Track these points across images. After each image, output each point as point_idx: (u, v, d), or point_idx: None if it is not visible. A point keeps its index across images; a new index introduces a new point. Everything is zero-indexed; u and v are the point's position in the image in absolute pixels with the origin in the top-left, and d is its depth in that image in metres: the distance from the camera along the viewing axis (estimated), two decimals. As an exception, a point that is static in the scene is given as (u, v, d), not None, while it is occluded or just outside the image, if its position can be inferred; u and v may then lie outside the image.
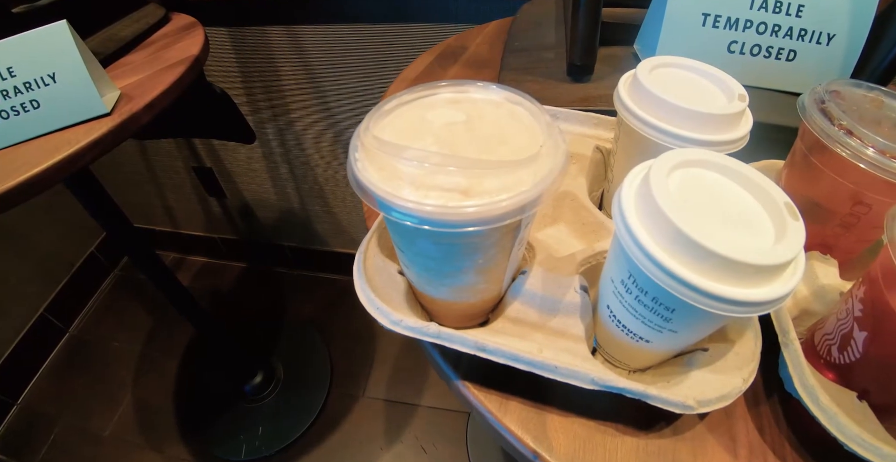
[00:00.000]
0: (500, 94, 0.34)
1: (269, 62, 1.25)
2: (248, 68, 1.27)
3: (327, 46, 1.20)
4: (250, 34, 1.20)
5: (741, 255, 0.25)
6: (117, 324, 1.66)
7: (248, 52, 1.24)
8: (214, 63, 1.27)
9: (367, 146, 0.29)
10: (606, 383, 0.32)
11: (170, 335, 1.61)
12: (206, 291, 1.74)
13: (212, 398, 1.47)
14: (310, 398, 1.45)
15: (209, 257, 1.86)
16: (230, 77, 1.29)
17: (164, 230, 1.80)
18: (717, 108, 0.38)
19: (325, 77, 1.25)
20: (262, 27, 1.19)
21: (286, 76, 1.27)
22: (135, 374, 1.53)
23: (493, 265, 0.34)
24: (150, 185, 1.63)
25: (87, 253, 1.72)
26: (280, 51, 1.23)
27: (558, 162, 0.29)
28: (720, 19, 0.59)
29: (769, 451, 0.36)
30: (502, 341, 0.35)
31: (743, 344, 0.35)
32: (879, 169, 0.36)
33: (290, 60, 1.24)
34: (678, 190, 0.30)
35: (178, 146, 1.47)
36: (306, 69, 1.26)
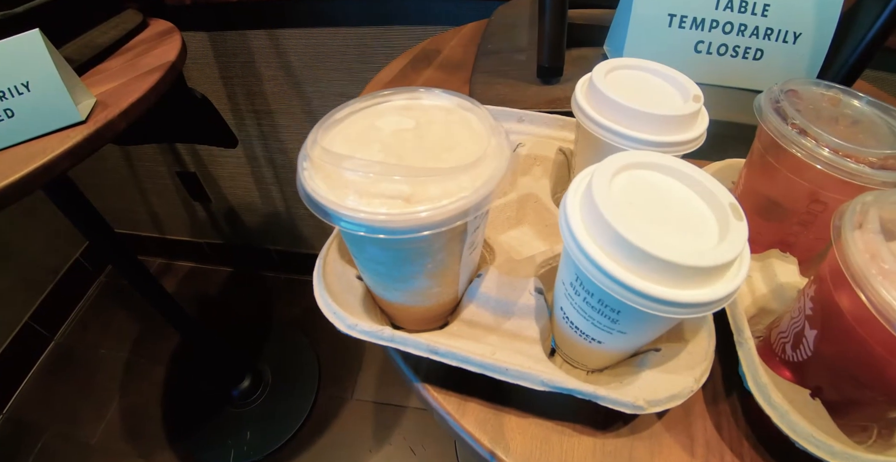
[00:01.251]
0: (452, 100, 0.35)
1: (250, 66, 1.25)
2: (230, 73, 1.27)
3: (308, 49, 1.20)
4: (231, 38, 1.20)
5: (679, 257, 0.26)
6: (103, 331, 1.66)
7: (228, 56, 1.24)
8: (195, 68, 1.27)
9: (312, 157, 0.29)
10: (556, 384, 0.33)
11: (156, 341, 1.61)
12: (193, 297, 1.74)
13: (199, 404, 1.46)
14: (298, 401, 1.45)
15: (196, 262, 1.86)
16: (211, 81, 1.29)
17: (150, 236, 1.80)
18: (671, 110, 0.38)
19: (306, 80, 1.26)
20: (242, 31, 1.19)
21: (268, 80, 1.27)
22: (121, 382, 1.53)
23: (443, 269, 0.34)
24: (134, 190, 1.63)
25: (71, 260, 1.71)
26: (261, 55, 1.23)
27: (500, 166, 0.29)
28: (686, 20, 0.59)
29: (727, 449, 0.37)
30: (455, 344, 0.35)
31: (696, 343, 0.35)
32: (833, 168, 0.37)
33: (271, 64, 1.24)
34: (623, 192, 0.30)
35: (161, 151, 1.47)
36: (288, 72, 1.26)
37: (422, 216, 0.27)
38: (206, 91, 1.31)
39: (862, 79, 0.84)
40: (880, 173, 0.36)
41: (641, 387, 0.33)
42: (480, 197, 0.28)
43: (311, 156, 0.29)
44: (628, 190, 0.30)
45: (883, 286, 0.27)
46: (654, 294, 0.26)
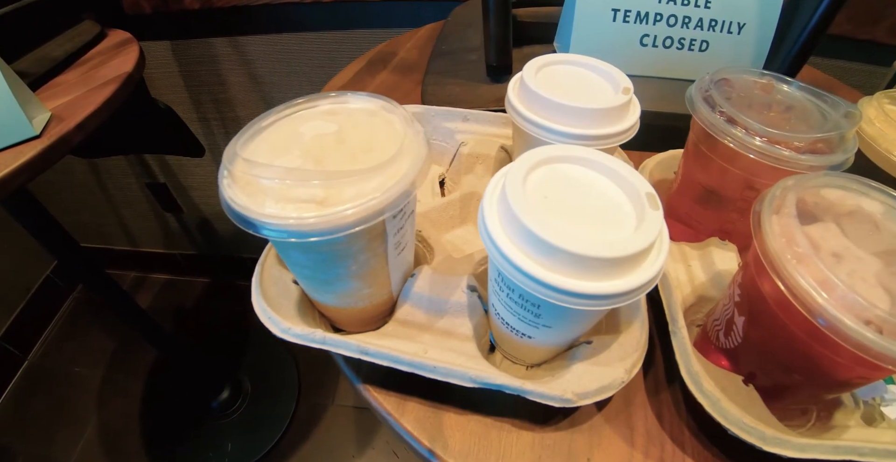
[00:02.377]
0: (375, 103, 0.35)
1: (216, 74, 1.25)
2: (195, 81, 1.27)
3: (273, 55, 1.20)
4: (194, 46, 1.20)
5: (586, 249, 0.26)
6: (78, 348, 1.64)
7: (192, 64, 1.24)
8: (160, 77, 1.27)
9: (229, 168, 0.30)
10: (484, 380, 0.33)
11: (133, 356, 1.60)
12: (169, 309, 1.73)
13: (179, 417, 1.46)
14: (278, 410, 1.45)
15: (170, 274, 1.84)
16: (176, 91, 1.29)
17: (122, 249, 1.79)
18: (599, 103, 0.38)
19: (272, 86, 1.26)
20: (205, 39, 1.19)
21: (233, 87, 1.27)
22: (98, 399, 1.52)
23: (370, 271, 0.34)
24: (103, 203, 1.62)
25: (42, 277, 1.70)
26: (225, 62, 1.23)
27: (413, 167, 0.30)
28: (630, 14, 0.60)
29: (667, 438, 0.37)
30: (387, 344, 0.35)
31: (629, 334, 0.36)
32: (762, 155, 0.38)
33: (236, 71, 1.24)
34: (538, 187, 0.30)
35: (129, 163, 1.47)
36: (253, 79, 1.26)
37: (330, 219, 0.27)
38: (172, 100, 1.31)
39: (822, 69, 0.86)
40: (807, 158, 0.37)
41: (570, 380, 0.33)
42: (391, 198, 0.28)
43: (228, 167, 0.30)
44: (545, 184, 0.31)
45: (797, 271, 0.28)
46: (564, 287, 0.26)
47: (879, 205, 0.33)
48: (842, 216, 0.32)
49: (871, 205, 0.33)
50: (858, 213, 0.33)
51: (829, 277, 0.27)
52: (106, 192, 1.57)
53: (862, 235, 0.31)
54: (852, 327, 0.25)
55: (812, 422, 0.38)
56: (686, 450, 0.37)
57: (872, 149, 0.43)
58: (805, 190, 0.33)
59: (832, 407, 0.38)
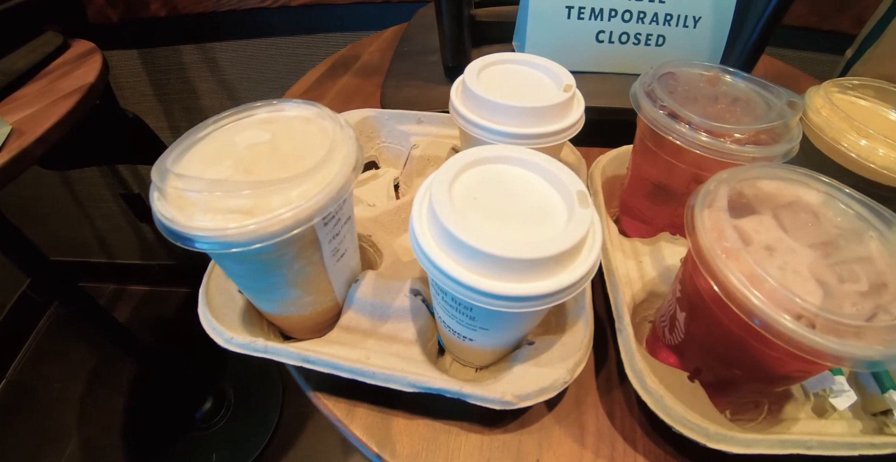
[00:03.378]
0: (311, 110, 0.35)
1: (186, 82, 1.24)
2: (164, 89, 1.26)
3: (242, 61, 1.20)
4: (162, 54, 1.19)
5: (508, 251, 0.26)
6: (57, 364, 1.63)
7: (161, 73, 1.23)
8: (129, 87, 1.26)
9: (156, 182, 0.29)
10: (423, 385, 0.33)
11: (114, 370, 1.58)
12: (149, 320, 1.72)
13: (162, 430, 1.45)
14: (263, 419, 1.44)
15: (149, 285, 1.83)
16: (146, 100, 1.28)
17: (99, 262, 1.77)
18: (539, 101, 0.38)
19: (243, 92, 1.25)
20: (173, 47, 1.18)
21: (204, 95, 1.27)
22: (79, 415, 1.50)
23: (307, 278, 0.34)
24: (78, 216, 1.60)
25: (18, 293, 1.67)
26: (195, 69, 1.22)
27: (341, 173, 0.30)
28: (584, 10, 0.60)
29: (618, 437, 0.37)
30: (329, 351, 0.35)
31: (572, 334, 0.36)
32: (705, 148, 0.38)
33: (206, 79, 1.24)
34: (468, 188, 0.30)
35: (101, 174, 1.45)
36: (224, 86, 1.25)
37: (252, 229, 0.27)
38: (142, 109, 1.30)
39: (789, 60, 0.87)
40: (750, 149, 0.37)
41: (511, 382, 0.33)
42: (316, 205, 0.28)
43: (155, 182, 0.29)
44: (476, 185, 0.31)
45: (726, 266, 0.27)
46: (488, 289, 0.26)
47: (818, 195, 0.33)
48: (780, 208, 0.32)
49: (809, 195, 0.33)
50: (797, 204, 0.33)
51: (758, 272, 0.26)
52: (79, 204, 1.56)
53: (800, 227, 0.31)
54: (782, 323, 0.25)
55: (764, 415, 0.38)
56: (637, 448, 0.37)
57: (819, 138, 0.43)
58: (740, 182, 0.33)
59: (783, 400, 0.38)
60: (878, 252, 0.30)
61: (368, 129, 0.55)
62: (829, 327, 0.25)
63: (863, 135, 0.41)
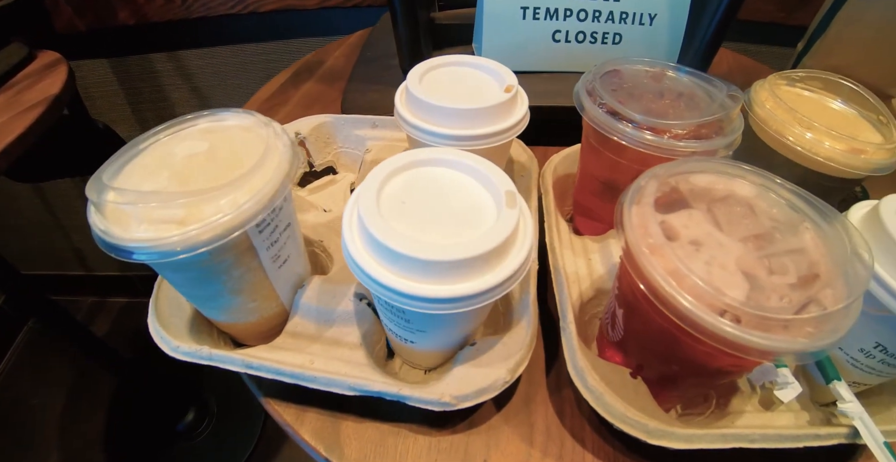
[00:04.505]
0: (251, 119, 0.35)
1: (157, 90, 1.24)
2: (137, 98, 1.26)
3: (213, 68, 1.20)
4: (133, 63, 1.19)
5: (429, 254, 0.26)
6: (36, 379, 1.62)
7: (133, 81, 1.23)
8: (100, 96, 1.26)
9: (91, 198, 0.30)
10: (363, 388, 0.33)
11: (95, 383, 1.57)
12: (129, 332, 1.71)
13: (144, 443, 1.44)
14: (246, 428, 1.44)
15: (128, 297, 1.82)
16: (119, 109, 1.28)
17: (76, 274, 1.76)
18: (481, 102, 0.39)
19: (216, 99, 1.26)
20: (144, 55, 1.18)
21: (177, 103, 1.27)
22: (60, 430, 1.49)
23: (249, 285, 0.35)
24: (53, 228, 1.59)
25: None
26: (167, 78, 1.22)
27: (271, 181, 0.30)
28: (539, 11, 0.61)
29: (567, 435, 0.38)
30: (272, 357, 0.36)
31: (514, 334, 0.36)
32: (646, 145, 0.38)
33: (178, 87, 1.24)
34: (398, 192, 0.31)
35: (75, 186, 1.45)
36: (196, 94, 1.25)
37: (180, 239, 0.27)
38: (114, 119, 1.30)
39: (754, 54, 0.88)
40: (690, 144, 0.38)
41: (450, 383, 0.34)
42: (246, 213, 0.29)
43: (91, 197, 0.30)
44: (405, 189, 0.31)
45: (649, 262, 0.28)
46: (411, 292, 0.27)
47: (754, 188, 0.34)
48: (716, 202, 0.33)
49: (744, 188, 0.34)
50: (732, 197, 0.33)
51: (680, 268, 0.27)
52: (54, 217, 1.55)
53: (734, 220, 0.32)
54: (705, 319, 0.26)
55: (712, 409, 0.38)
56: (587, 445, 0.37)
57: (764, 131, 0.44)
58: (674, 177, 0.34)
59: (730, 393, 0.38)
60: (812, 243, 0.30)
61: (325, 135, 0.56)
62: (755, 322, 0.26)
63: (805, 126, 0.42)
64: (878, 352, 0.34)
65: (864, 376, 0.37)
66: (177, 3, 1.07)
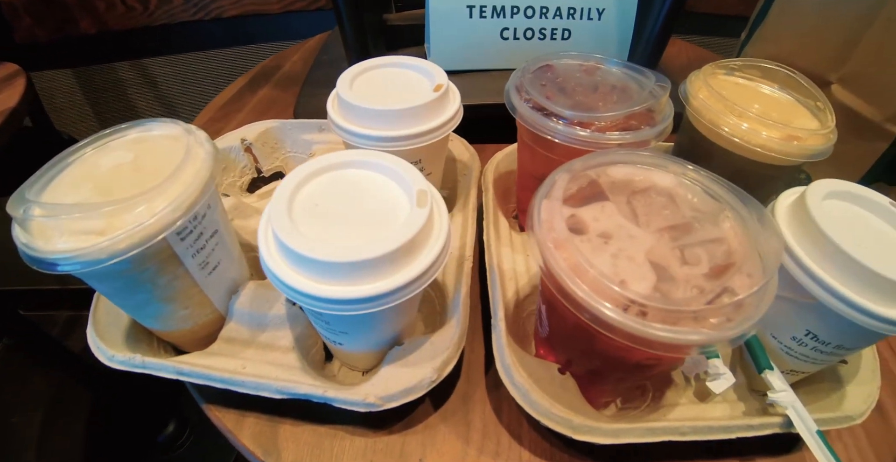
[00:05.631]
0: (178, 128, 0.36)
1: (124, 99, 1.25)
2: (103, 108, 1.27)
3: (179, 76, 1.21)
4: (97, 73, 1.20)
5: (329, 256, 0.27)
6: (13, 397, 1.61)
7: (98, 91, 1.23)
8: (66, 107, 1.26)
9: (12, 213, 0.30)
10: (289, 391, 0.34)
11: (73, 397, 1.57)
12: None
13: (124, 456, 1.44)
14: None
15: (106, 310, 1.82)
16: (85, 119, 1.28)
17: (51, 288, 1.77)
18: (408, 103, 0.40)
19: (183, 107, 1.26)
20: (108, 64, 1.18)
21: (143, 111, 1.27)
22: (38, 447, 1.49)
23: (177, 292, 0.35)
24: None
25: (-35, 326, 1.67)
26: (132, 86, 1.23)
27: (187, 190, 0.31)
28: (486, 9, 0.62)
29: (504, 432, 0.39)
30: (204, 363, 0.36)
31: (442, 334, 0.37)
32: (573, 140, 0.39)
33: (144, 95, 1.25)
34: (312, 196, 0.32)
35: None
36: (163, 102, 1.26)
37: (97, 249, 0.28)
38: (81, 129, 1.30)
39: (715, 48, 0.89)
40: (616, 136, 0.38)
41: (376, 384, 0.35)
42: (161, 222, 0.29)
43: (12, 213, 0.30)
44: (320, 192, 0.32)
45: (553, 256, 0.28)
46: (315, 293, 0.28)
47: (675, 178, 0.34)
48: (636, 193, 0.33)
49: (665, 179, 0.34)
50: (653, 188, 0.34)
51: (581, 262, 0.27)
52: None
53: (654, 211, 0.32)
54: (606, 314, 0.26)
55: (648, 402, 0.39)
56: (523, 442, 0.38)
57: (699, 121, 0.45)
58: (593, 170, 0.34)
59: (665, 385, 0.39)
60: (732, 232, 0.31)
61: (272, 140, 0.56)
62: (662, 315, 0.26)
63: (738, 115, 0.42)
64: (810, 339, 0.35)
65: (800, 364, 0.37)
66: (138, 11, 1.07)
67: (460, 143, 0.53)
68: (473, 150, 0.53)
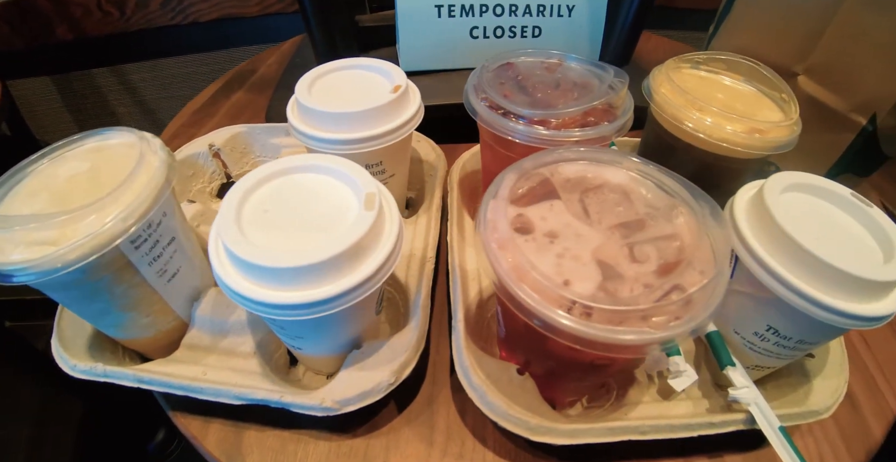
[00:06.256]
0: (133, 136, 0.37)
1: (104, 106, 1.26)
2: (83, 115, 1.27)
3: (158, 81, 1.22)
4: (76, 80, 1.20)
5: (273, 261, 0.28)
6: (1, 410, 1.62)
7: (77, 98, 1.24)
8: (46, 114, 1.26)
9: None
10: (247, 396, 0.35)
11: (61, 408, 1.58)
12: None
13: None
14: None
15: (92, 319, 1.82)
16: (65, 127, 1.29)
17: (34, 298, 1.77)
18: (366, 105, 0.41)
19: (163, 112, 1.27)
20: (86, 71, 1.19)
21: (123, 117, 1.28)
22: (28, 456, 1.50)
23: (136, 301, 0.36)
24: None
25: (-50, 338, 1.67)
26: (112, 92, 1.24)
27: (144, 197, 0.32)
28: (454, 8, 0.62)
29: (469, 434, 0.40)
30: (164, 370, 0.37)
31: (400, 337, 0.38)
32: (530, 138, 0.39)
33: (124, 101, 1.25)
34: (263, 201, 0.32)
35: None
36: (143, 108, 1.27)
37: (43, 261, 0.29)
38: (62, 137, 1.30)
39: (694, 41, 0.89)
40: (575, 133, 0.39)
41: (333, 388, 0.35)
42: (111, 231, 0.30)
43: None
44: (270, 198, 0.33)
45: (495, 257, 0.29)
46: (260, 299, 0.28)
47: (629, 174, 0.35)
48: (589, 191, 0.34)
49: (619, 175, 0.35)
50: (607, 185, 0.34)
51: (522, 263, 0.27)
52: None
53: (607, 208, 0.32)
54: (545, 314, 0.26)
55: (611, 400, 0.40)
56: (487, 444, 0.39)
57: (661, 116, 0.45)
58: (546, 168, 0.34)
59: (628, 383, 0.40)
60: (685, 227, 0.31)
61: (241, 145, 0.57)
62: (608, 315, 0.26)
63: (699, 109, 0.43)
64: (771, 334, 0.35)
65: (764, 359, 0.38)
66: (115, 17, 1.08)
67: (427, 144, 0.54)
68: (440, 150, 0.54)
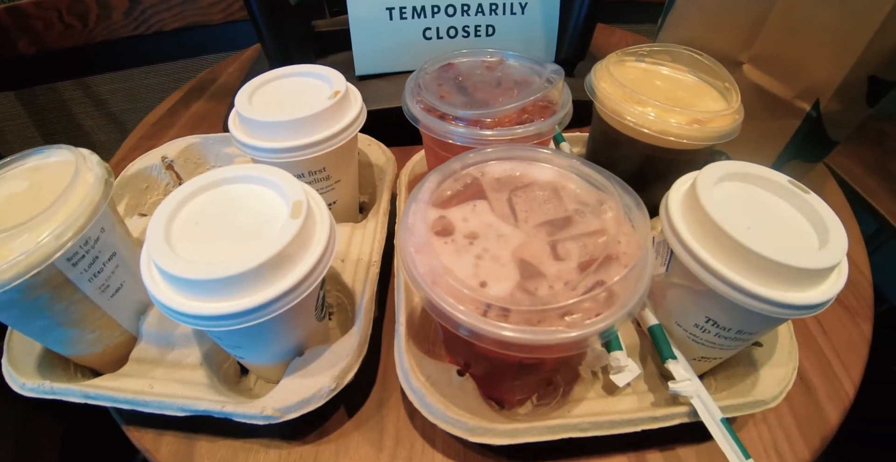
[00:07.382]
0: (70, 154, 0.38)
1: (70, 119, 1.27)
2: (49, 129, 1.29)
3: (124, 92, 1.24)
4: (41, 94, 1.22)
5: (196, 273, 0.29)
6: (-20, 433, 1.63)
7: (43, 113, 1.25)
8: (11, 130, 1.28)
9: None
10: (190, 408, 0.37)
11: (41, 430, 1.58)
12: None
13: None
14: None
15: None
16: (32, 143, 1.31)
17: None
18: (304, 112, 0.42)
19: (131, 124, 1.28)
20: (50, 84, 1.21)
21: (91, 130, 1.30)
22: (10, 484, 1.51)
23: (79, 317, 0.38)
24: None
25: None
26: (78, 105, 1.25)
27: (78, 214, 0.34)
28: (406, 10, 0.64)
29: (417, 437, 0.41)
30: (111, 385, 0.39)
31: (342, 342, 0.40)
32: (467, 138, 0.41)
33: (91, 114, 1.27)
34: (195, 214, 0.34)
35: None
36: (112, 119, 1.29)
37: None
38: (27, 154, 1.32)
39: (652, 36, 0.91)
40: (515, 130, 0.41)
41: (274, 395, 0.37)
42: (46, 249, 0.32)
43: None
44: (201, 211, 0.34)
45: (412, 261, 0.30)
46: (185, 310, 0.30)
47: (558, 171, 0.36)
48: (518, 189, 0.35)
49: (548, 173, 0.36)
50: (536, 183, 0.35)
51: (436, 266, 0.29)
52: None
53: (535, 206, 0.34)
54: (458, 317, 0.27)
55: (558, 398, 0.41)
56: (437, 446, 0.41)
57: (603, 111, 0.47)
58: (476, 168, 0.36)
59: (573, 380, 0.41)
60: (613, 222, 0.32)
61: (195, 156, 0.59)
62: (526, 316, 0.27)
63: (637, 102, 0.45)
64: (711, 326, 0.37)
65: (709, 350, 0.39)
66: (77, 29, 1.09)
67: (377, 147, 0.56)
68: (391, 153, 0.56)
